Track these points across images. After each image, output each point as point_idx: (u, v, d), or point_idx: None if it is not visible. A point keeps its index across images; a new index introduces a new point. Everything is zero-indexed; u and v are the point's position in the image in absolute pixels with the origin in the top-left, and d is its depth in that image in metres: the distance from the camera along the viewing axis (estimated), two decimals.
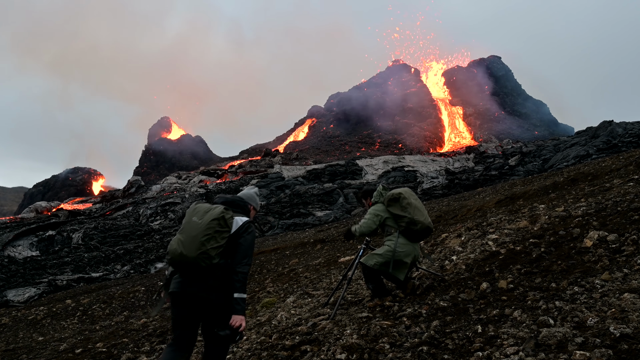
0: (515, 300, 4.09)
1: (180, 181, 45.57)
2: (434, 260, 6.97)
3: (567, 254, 4.90)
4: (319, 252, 14.62)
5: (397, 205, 5.26)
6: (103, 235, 29.54)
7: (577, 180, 12.80)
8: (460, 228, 9.14)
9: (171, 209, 34.68)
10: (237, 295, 3.37)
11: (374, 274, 5.26)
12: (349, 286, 6.20)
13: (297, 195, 34.72)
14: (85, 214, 35.74)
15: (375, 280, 5.29)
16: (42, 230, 29.62)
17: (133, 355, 6.27)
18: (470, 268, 5.53)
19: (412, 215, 5.17)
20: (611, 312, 3.28)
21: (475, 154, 44.73)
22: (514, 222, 7.75)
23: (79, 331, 10.38)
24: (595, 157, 29.58)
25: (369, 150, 60.65)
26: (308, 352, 4.12)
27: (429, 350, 3.47)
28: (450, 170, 38.88)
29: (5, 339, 10.92)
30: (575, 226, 5.83)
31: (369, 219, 5.33)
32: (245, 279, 3.42)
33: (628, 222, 5.25)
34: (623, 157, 16.00)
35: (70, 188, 74.38)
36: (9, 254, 25.94)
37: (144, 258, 26.14)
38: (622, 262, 4.23)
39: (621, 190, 7.67)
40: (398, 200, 5.28)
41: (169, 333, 7.35)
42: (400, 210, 5.22)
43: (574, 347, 2.92)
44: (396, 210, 5.25)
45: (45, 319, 12.90)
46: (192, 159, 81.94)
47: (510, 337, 3.29)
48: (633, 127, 33.81)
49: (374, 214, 5.34)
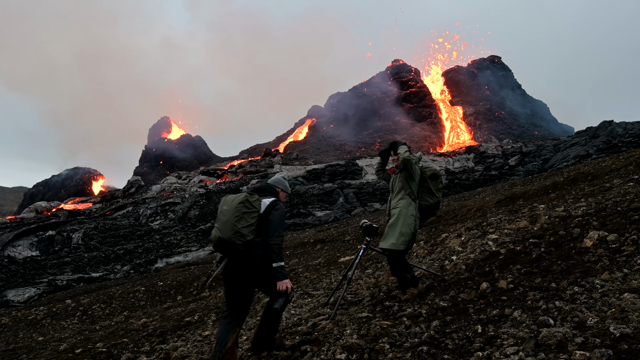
0: (515, 300, 4.09)
1: (180, 181, 45.56)
2: (434, 260, 6.97)
3: (567, 254, 4.90)
4: (319, 252, 14.62)
5: (435, 183, 5.22)
6: (103, 235, 29.53)
7: (577, 180, 12.80)
8: (460, 228, 9.13)
9: (171, 209, 34.67)
10: (275, 265, 3.96)
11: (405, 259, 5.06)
12: (349, 286, 6.20)
13: (297, 195, 34.71)
14: (85, 214, 35.72)
15: (409, 266, 5.08)
16: (42, 230, 29.61)
17: (133, 355, 6.27)
18: (470, 268, 5.53)
19: (439, 199, 5.20)
20: (611, 312, 3.28)
21: (475, 154, 44.73)
22: (514, 222, 7.75)
23: (79, 331, 10.38)
24: (595, 157, 29.59)
25: (369, 150, 60.64)
26: (308, 352, 4.12)
27: (429, 350, 3.47)
28: (450, 170, 38.88)
29: (5, 339, 10.92)
30: (575, 226, 5.83)
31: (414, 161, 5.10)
32: (279, 249, 3.95)
33: (628, 222, 5.25)
34: (623, 157, 16.00)
35: (70, 188, 74.34)
36: (9, 254, 25.94)
37: (144, 258, 26.14)
38: (622, 262, 4.23)
39: (621, 190, 7.67)
40: (437, 179, 5.25)
41: (168, 333, 7.35)
42: (434, 188, 5.20)
43: (574, 347, 2.92)
44: (431, 185, 5.20)
45: (45, 319, 12.90)
46: (192, 159, 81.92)
47: (510, 337, 3.29)
48: (633, 127, 33.81)
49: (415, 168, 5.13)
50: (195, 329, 7.22)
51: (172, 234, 30.57)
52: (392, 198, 5.32)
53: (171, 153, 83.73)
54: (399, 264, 5.00)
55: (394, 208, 5.20)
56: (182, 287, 14.36)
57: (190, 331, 7.12)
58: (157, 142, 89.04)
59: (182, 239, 29.79)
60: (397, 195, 5.24)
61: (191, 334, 6.87)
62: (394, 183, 5.36)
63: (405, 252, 5.04)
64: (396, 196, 5.25)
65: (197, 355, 5.40)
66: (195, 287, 14.07)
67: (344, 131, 71.02)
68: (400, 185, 5.23)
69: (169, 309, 11.07)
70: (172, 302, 12.58)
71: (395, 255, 4.96)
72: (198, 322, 7.77)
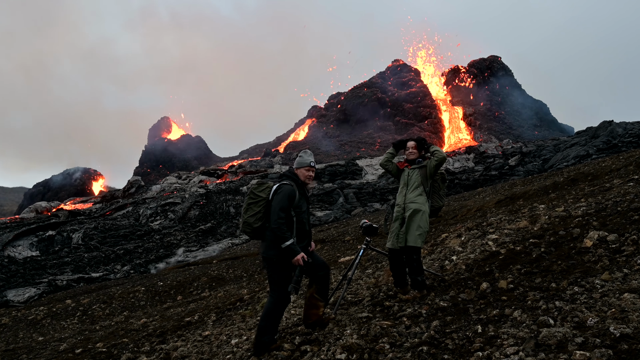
0: (515, 300, 4.09)
1: (180, 181, 45.56)
2: (434, 260, 6.97)
3: (567, 254, 4.90)
4: (319, 252, 14.62)
5: (444, 185, 5.40)
6: (103, 235, 29.53)
7: (577, 180, 12.80)
8: (460, 228, 9.13)
9: (171, 209, 34.67)
10: (283, 245, 4.13)
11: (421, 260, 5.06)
12: (349, 286, 6.20)
13: None
14: (85, 214, 35.71)
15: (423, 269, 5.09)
16: (42, 230, 29.61)
17: (133, 355, 6.27)
18: (470, 268, 5.53)
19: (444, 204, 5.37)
20: (611, 312, 3.28)
21: (475, 154, 44.72)
22: (514, 222, 7.75)
23: (79, 331, 10.38)
24: (595, 157, 29.59)
25: (369, 150, 60.66)
26: (308, 352, 4.12)
27: (429, 350, 3.46)
28: (450, 170, 38.87)
29: (5, 339, 10.92)
30: (575, 226, 5.83)
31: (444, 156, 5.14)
32: (281, 231, 4.11)
33: (628, 222, 5.25)
34: (623, 157, 15.99)
35: (70, 188, 74.34)
36: (9, 254, 25.94)
37: (144, 258, 26.14)
38: (622, 262, 4.23)
39: (621, 190, 7.67)
40: (445, 182, 5.42)
41: (168, 333, 7.35)
42: (441, 191, 5.36)
43: (574, 347, 2.92)
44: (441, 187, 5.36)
45: (45, 319, 12.90)
46: (192, 159, 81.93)
47: (510, 337, 3.29)
48: (633, 127, 33.81)
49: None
50: (195, 329, 7.23)
51: (172, 234, 30.57)
52: (407, 192, 5.22)
53: (171, 153, 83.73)
54: (418, 265, 5.01)
55: (411, 202, 5.12)
56: (182, 287, 14.36)
57: (190, 331, 7.12)
58: (157, 142, 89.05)
59: (182, 239, 29.79)
60: (416, 190, 5.17)
61: (191, 334, 6.87)
62: (409, 177, 5.28)
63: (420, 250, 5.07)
64: (414, 190, 5.17)
65: (197, 355, 5.40)
66: (195, 287, 14.08)
67: (344, 131, 71.01)
68: (420, 180, 5.19)
69: (169, 309, 11.07)
70: (172, 302, 12.59)
71: (414, 257, 4.97)
72: (198, 322, 7.77)
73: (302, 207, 4.37)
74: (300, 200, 4.35)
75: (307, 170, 4.46)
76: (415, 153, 5.34)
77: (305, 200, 4.44)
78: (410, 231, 4.99)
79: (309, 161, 4.49)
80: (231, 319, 7.17)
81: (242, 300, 8.78)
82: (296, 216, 4.29)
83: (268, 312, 4.31)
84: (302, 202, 4.37)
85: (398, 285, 5.28)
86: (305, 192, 4.46)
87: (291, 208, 4.25)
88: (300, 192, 4.36)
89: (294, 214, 4.26)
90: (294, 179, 4.40)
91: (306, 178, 4.45)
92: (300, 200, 4.35)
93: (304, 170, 4.46)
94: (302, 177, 4.44)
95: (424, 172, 5.20)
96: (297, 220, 4.29)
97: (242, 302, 8.54)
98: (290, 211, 4.24)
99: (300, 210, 4.33)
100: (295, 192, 4.29)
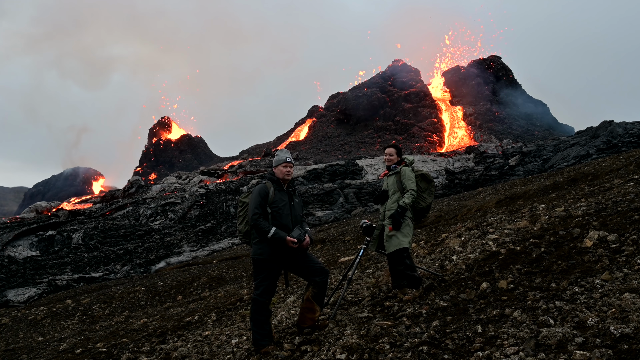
0: (515, 300, 4.08)
1: (180, 181, 45.58)
2: (434, 260, 6.97)
3: (567, 254, 4.89)
4: (319, 252, 14.61)
5: (429, 186, 5.32)
6: (103, 235, 29.54)
7: (577, 180, 12.80)
8: (461, 228, 9.13)
9: (171, 209, 34.67)
10: (268, 236, 4.36)
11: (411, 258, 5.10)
12: (349, 286, 6.20)
13: None
14: (85, 214, 35.72)
15: (414, 266, 5.13)
16: (42, 230, 29.63)
17: (133, 355, 6.27)
18: (470, 268, 5.53)
19: (430, 202, 5.27)
20: (611, 312, 3.28)
21: (475, 154, 44.73)
22: (514, 222, 7.74)
23: (79, 331, 10.38)
24: (595, 157, 29.57)
25: (369, 150, 60.64)
26: (308, 352, 4.12)
27: (429, 350, 3.46)
28: (450, 170, 38.87)
29: (5, 339, 10.92)
30: (576, 226, 5.82)
31: (414, 184, 5.16)
32: (257, 226, 4.37)
33: (628, 222, 5.24)
34: (623, 157, 15.98)
35: (70, 188, 74.39)
36: (9, 254, 25.95)
37: (144, 258, 26.15)
38: (622, 262, 4.23)
39: (621, 190, 7.67)
40: (431, 182, 5.34)
41: (169, 333, 7.36)
42: (426, 191, 5.29)
43: (574, 347, 2.92)
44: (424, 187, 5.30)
45: (45, 319, 12.90)
46: (192, 159, 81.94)
47: (510, 337, 3.29)
48: (633, 127, 33.79)
49: (413, 178, 5.22)
50: (195, 329, 7.23)
51: (172, 234, 30.58)
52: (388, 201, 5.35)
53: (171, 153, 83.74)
54: (409, 264, 5.06)
55: (389, 210, 5.24)
56: (182, 287, 14.36)
57: (190, 331, 7.12)
58: (157, 142, 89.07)
59: (182, 239, 29.79)
60: (393, 196, 5.28)
61: (191, 334, 6.87)
62: (388, 185, 5.40)
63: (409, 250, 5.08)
64: (392, 197, 5.29)
65: (197, 355, 5.40)
66: (195, 287, 14.07)
67: (344, 131, 71.00)
68: (396, 186, 5.27)
69: (169, 309, 11.07)
70: (172, 302, 12.58)
71: (404, 254, 5.02)
72: (198, 322, 7.77)
73: (279, 202, 4.53)
74: (277, 196, 4.54)
75: (284, 166, 4.64)
76: (391, 160, 5.45)
77: (286, 195, 4.60)
78: (388, 239, 5.10)
79: (285, 157, 4.65)
80: (231, 319, 7.17)
81: (242, 300, 8.78)
82: (273, 212, 4.48)
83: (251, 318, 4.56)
84: (278, 197, 4.54)
85: (396, 287, 5.30)
86: (283, 187, 4.61)
87: (266, 204, 4.47)
88: (276, 189, 4.56)
89: (270, 210, 4.47)
90: (269, 178, 4.65)
91: (284, 174, 4.62)
92: (277, 196, 4.53)
93: (281, 167, 4.65)
94: (281, 174, 4.62)
95: (399, 177, 5.29)
96: (274, 215, 4.47)
97: (242, 302, 8.54)
98: (265, 207, 4.46)
99: (277, 206, 4.50)
100: (267, 189, 4.51)
